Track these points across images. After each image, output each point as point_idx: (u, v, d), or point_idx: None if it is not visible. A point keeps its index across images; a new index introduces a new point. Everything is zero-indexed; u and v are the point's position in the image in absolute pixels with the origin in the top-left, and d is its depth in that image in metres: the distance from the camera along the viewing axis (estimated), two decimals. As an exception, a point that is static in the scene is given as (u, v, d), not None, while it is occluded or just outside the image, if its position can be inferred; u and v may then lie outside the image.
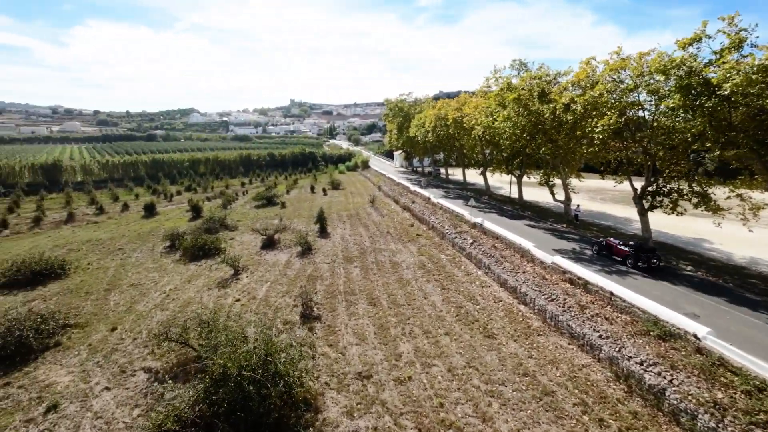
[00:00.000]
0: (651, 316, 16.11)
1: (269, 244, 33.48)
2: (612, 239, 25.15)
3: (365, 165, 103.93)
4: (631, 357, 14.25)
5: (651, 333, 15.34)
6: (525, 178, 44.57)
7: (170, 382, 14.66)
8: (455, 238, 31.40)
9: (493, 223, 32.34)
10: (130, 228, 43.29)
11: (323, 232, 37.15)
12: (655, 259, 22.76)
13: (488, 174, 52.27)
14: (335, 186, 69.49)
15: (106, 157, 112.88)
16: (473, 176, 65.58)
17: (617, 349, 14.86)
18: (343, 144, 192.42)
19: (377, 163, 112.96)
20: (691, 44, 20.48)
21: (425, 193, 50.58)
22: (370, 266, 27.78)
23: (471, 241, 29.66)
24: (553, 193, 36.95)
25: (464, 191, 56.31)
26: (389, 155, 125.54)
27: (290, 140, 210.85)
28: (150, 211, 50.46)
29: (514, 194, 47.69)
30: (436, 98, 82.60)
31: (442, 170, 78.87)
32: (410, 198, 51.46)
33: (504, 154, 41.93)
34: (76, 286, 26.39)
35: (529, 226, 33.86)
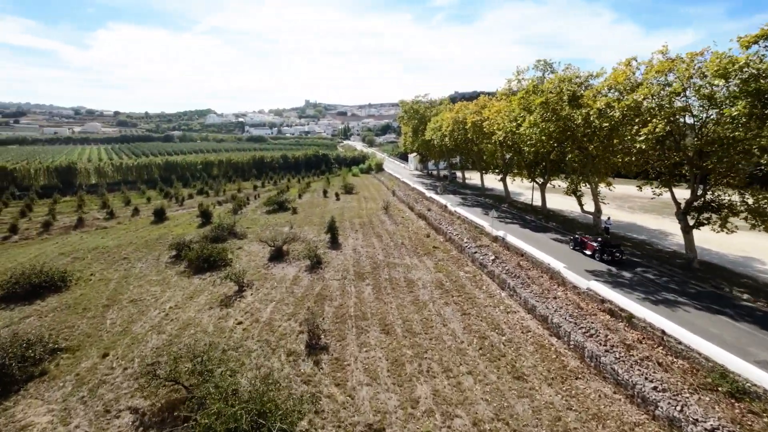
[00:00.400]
0: (716, 365, 13.58)
1: (277, 255, 31.79)
2: (587, 237, 28.14)
3: (379, 168, 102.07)
4: (697, 420, 11.80)
5: (719, 388, 12.84)
6: (548, 185, 41.79)
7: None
8: (475, 252, 29.06)
9: (516, 237, 29.89)
10: (138, 234, 42.34)
11: (334, 243, 35.29)
12: (618, 253, 25.48)
13: (508, 180, 49.63)
14: (348, 190, 67.77)
15: (123, 158, 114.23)
16: (491, 181, 62.91)
17: (678, 408, 12.41)
18: (357, 145, 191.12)
19: (391, 166, 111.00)
20: (756, 42, 17.72)
21: (441, 200, 48.27)
22: (384, 284, 25.72)
23: (493, 257, 27.29)
24: (581, 204, 34.20)
25: (483, 198, 53.76)
26: (403, 157, 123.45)
27: (304, 141, 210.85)
28: (160, 216, 49.67)
29: (536, 201, 44.94)
30: (453, 99, 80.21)
31: (458, 174, 76.38)
32: (426, 205, 49.21)
33: (526, 160, 39.37)
34: (74, 300, 25.15)
35: (555, 240, 31.25)
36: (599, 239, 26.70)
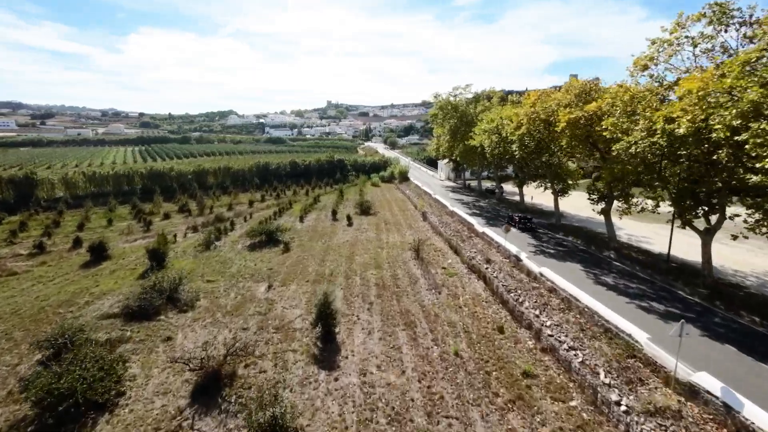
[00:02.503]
0: None
1: (210, 388, 15.87)
2: (516, 215, 38.89)
3: (403, 176, 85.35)
4: None
5: None
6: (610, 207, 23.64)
7: None
8: (641, 424, 11.99)
9: (723, 382, 12.68)
10: (45, 291, 27.68)
11: (327, 342, 19.16)
12: (528, 223, 36.91)
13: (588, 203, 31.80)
14: (365, 210, 51.78)
15: (128, 161, 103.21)
16: (566, 205, 45.05)
17: None
18: (379, 147, 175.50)
19: (417, 173, 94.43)
20: None
21: (509, 245, 30.77)
22: None
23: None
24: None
25: (566, 236, 35.69)
26: (431, 163, 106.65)
27: (324, 142, 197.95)
28: (97, 254, 34.99)
29: (680, 253, 27.06)
30: (510, 95, 62.46)
31: (506, 187, 58.74)
32: (478, 247, 32.15)
33: (678, 186, 21.83)
34: None
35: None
36: (520, 215, 38.57)
